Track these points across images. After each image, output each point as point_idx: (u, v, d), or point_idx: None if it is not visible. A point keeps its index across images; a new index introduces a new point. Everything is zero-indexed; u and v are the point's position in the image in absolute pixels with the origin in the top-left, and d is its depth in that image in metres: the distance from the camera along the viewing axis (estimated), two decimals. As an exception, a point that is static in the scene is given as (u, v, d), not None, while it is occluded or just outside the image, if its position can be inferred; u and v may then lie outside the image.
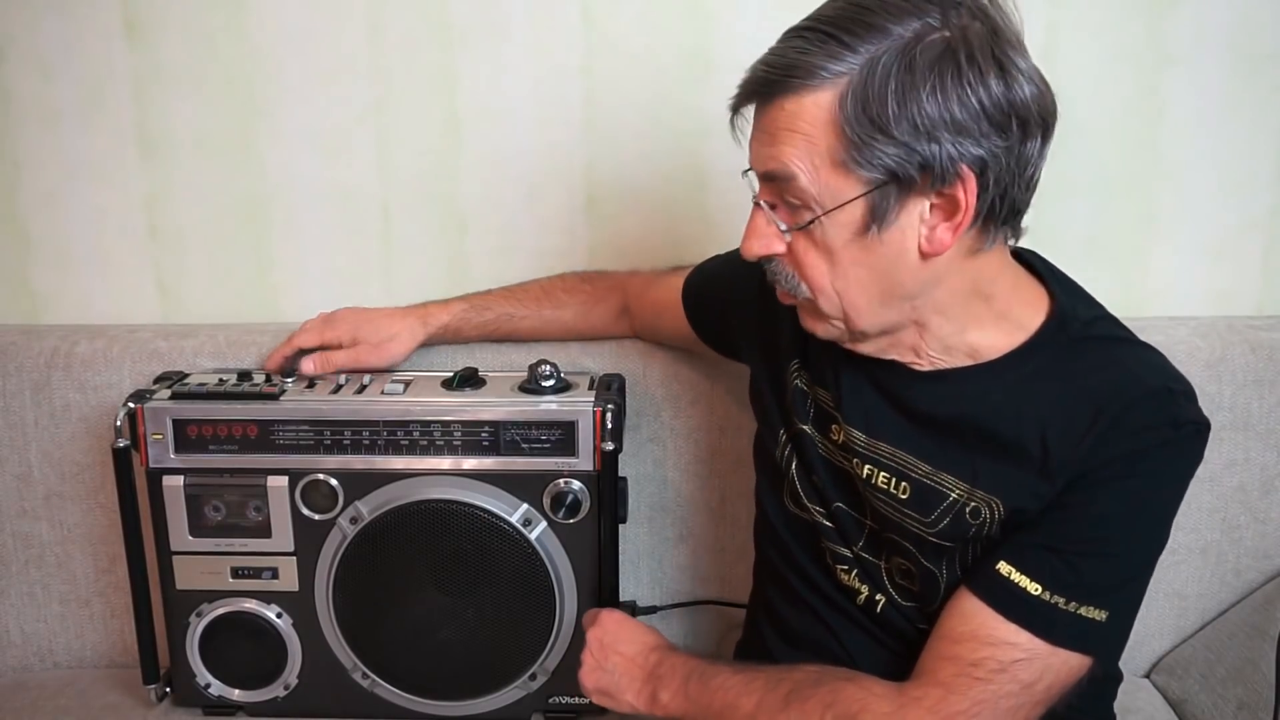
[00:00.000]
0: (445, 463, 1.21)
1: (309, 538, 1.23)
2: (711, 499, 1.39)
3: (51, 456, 1.39)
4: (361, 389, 1.23)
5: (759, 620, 1.18)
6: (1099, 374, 0.94)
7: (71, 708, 1.33)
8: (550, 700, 1.28)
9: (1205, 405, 1.29)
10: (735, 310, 1.19)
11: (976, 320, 0.96)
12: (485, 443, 1.20)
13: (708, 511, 1.40)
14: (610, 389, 1.24)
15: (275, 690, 1.29)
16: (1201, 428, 0.95)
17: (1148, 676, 1.38)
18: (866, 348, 0.98)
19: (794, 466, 1.09)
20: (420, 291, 1.44)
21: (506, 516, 1.20)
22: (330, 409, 1.20)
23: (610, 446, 1.19)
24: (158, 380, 1.29)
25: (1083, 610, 0.92)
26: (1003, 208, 0.89)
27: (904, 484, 0.99)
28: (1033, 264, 1.02)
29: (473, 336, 1.34)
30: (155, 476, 1.22)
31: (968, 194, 0.86)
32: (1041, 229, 1.46)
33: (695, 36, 1.40)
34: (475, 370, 1.26)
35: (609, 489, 1.20)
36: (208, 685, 1.29)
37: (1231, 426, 1.32)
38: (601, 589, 1.23)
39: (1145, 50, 1.40)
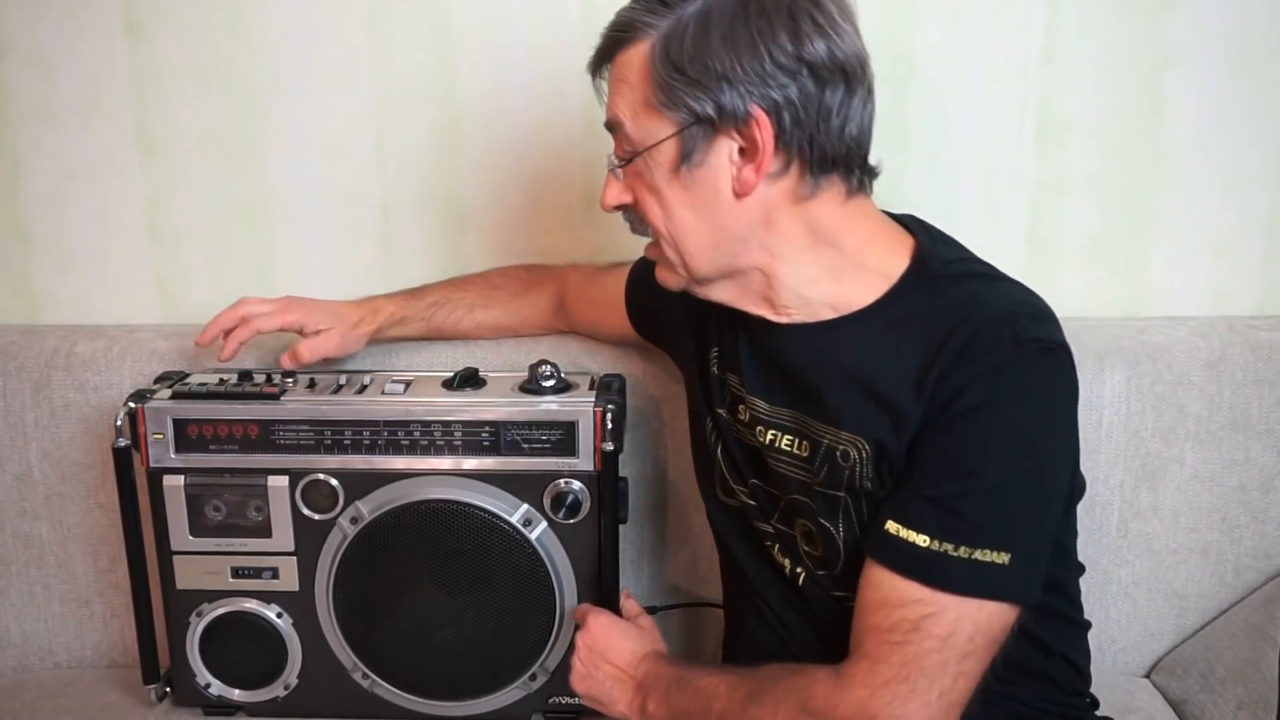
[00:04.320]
0: (445, 463, 1.21)
1: (309, 538, 1.23)
2: (711, 499, 1.39)
3: (51, 456, 1.39)
4: (362, 389, 1.23)
5: (728, 619, 1.22)
6: (954, 310, 0.95)
7: (71, 708, 1.33)
8: (550, 700, 1.28)
9: (1205, 405, 1.32)
10: (668, 304, 1.19)
11: (830, 271, 0.99)
12: (485, 443, 1.20)
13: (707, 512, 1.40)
14: (610, 389, 1.24)
15: (275, 690, 1.29)
16: (1048, 345, 0.94)
17: (1148, 676, 1.38)
18: (716, 294, 1.03)
19: (719, 451, 1.12)
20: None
21: (506, 516, 1.20)
22: (330, 409, 1.20)
23: (610, 447, 1.18)
24: (158, 380, 1.28)
25: (978, 554, 0.91)
26: (812, 153, 0.94)
27: (804, 442, 1.03)
28: (908, 225, 1.04)
29: (416, 327, 1.34)
30: (155, 476, 1.22)
31: (763, 134, 0.92)
32: (1042, 229, 1.48)
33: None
34: (476, 370, 1.26)
35: (609, 489, 1.20)
36: (208, 685, 1.29)
37: (1231, 426, 1.32)
38: (601, 589, 1.23)
39: (1145, 50, 1.40)
